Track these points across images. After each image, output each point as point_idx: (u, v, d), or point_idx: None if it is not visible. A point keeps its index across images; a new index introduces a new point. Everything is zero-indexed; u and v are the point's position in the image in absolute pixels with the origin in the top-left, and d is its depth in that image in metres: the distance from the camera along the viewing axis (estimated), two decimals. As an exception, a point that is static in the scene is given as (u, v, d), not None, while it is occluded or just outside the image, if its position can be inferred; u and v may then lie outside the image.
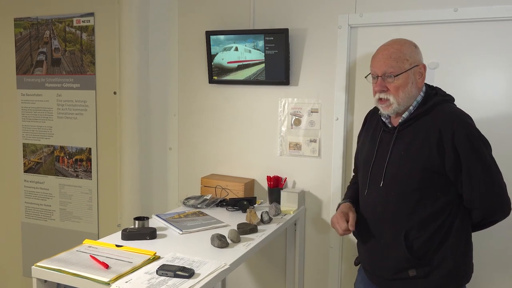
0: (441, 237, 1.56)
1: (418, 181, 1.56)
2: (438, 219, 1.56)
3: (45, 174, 3.10)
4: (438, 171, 1.54)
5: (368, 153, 1.74)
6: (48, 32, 2.98)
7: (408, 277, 1.59)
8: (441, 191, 1.56)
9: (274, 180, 2.38)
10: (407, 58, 1.58)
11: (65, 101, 2.98)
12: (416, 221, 1.57)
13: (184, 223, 2.01)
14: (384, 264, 1.65)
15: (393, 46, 1.62)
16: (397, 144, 1.62)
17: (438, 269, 1.57)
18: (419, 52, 1.64)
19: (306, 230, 2.43)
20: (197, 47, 2.59)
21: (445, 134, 1.51)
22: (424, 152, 1.55)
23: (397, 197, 1.60)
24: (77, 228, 3.02)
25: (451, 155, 1.51)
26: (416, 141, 1.57)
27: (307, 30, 2.34)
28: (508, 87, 2.03)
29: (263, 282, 2.58)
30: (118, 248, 1.69)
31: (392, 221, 1.62)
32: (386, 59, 1.59)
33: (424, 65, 1.63)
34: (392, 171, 1.61)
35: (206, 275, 1.46)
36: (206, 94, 2.61)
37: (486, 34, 2.03)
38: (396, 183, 1.60)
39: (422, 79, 1.61)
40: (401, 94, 1.58)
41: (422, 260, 1.57)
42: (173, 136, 2.72)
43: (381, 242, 1.66)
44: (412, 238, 1.58)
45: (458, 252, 1.58)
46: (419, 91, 1.63)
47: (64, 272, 1.47)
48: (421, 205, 1.57)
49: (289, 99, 2.41)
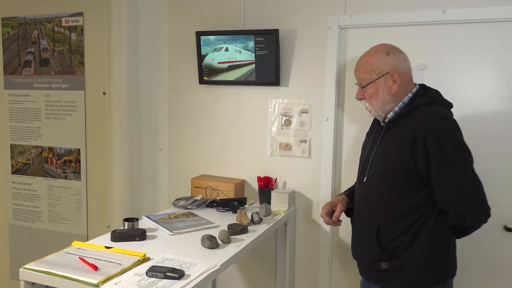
0: (411, 236, 1.61)
1: (393, 179, 1.63)
2: (409, 218, 1.61)
3: (33, 176, 3.07)
4: (412, 171, 1.58)
5: (363, 149, 1.85)
6: (36, 32, 2.95)
7: (381, 269, 1.67)
8: (414, 190, 1.60)
9: (264, 181, 2.38)
10: (373, 68, 1.66)
11: (54, 101, 2.95)
12: (389, 217, 1.64)
13: (174, 224, 2.00)
14: (362, 255, 1.78)
15: (364, 57, 1.72)
16: (382, 142, 1.70)
17: (408, 265, 1.62)
18: (392, 58, 1.66)
19: (297, 231, 2.44)
20: (187, 47, 2.58)
21: (419, 135, 1.55)
22: (399, 152, 1.60)
23: (374, 193, 1.69)
24: (66, 229, 2.99)
25: (423, 156, 1.55)
26: (395, 140, 1.64)
27: (297, 31, 2.34)
28: (496, 87, 2.05)
29: (254, 283, 2.58)
30: (107, 249, 1.68)
31: (370, 215, 1.71)
32: (357, 71, 1.73)
33: (397, 70, 1.64)
34: (373, 168, 1.71)
35: (196, 276, 1.46)
36: (197, 95, 2.60)
37: (474, 35, 2.06)
38: (375, 179, 1.70)
39: (397, 85, 1.64)
40: (374, 102, 1.69)
41: (392, 255, 1.64)
42: (163, 136, 2.71)
43: (361, 232, 1.77)
44: (383, 233, 1.65)
45: (429, 253, 1.60)
46: (400, 95, 1.66)
47: (52, 274, 1.45)
48: (395, 202, 1.63)
49: (279, 100, 2.42)
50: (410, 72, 1.71)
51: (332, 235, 2.38)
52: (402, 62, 1.68)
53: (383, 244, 1.65)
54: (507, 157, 2.05)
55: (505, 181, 2.03)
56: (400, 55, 1.69)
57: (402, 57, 1.69)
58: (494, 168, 1.99)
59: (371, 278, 1.75)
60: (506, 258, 2.08)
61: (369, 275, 1.76)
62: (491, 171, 1.67)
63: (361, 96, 1.74)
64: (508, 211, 2.04)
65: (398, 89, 1.65)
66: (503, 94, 2.04)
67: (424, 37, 2.14)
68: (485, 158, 1.65)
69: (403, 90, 1.67)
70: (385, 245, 1.64)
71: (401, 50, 1.72)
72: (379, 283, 1.71)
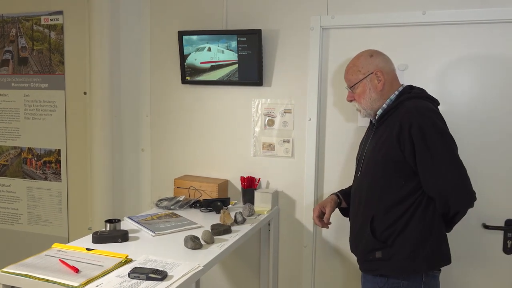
0: (403, 223, 1.68)
1: (383, 170, 1.71)
2: (401, 206, 1.68)
3: (12, 177, 3.01)
4: (401, 161, 1.66)
5: (359, 147, 1.96)
6: (14, 30, 2.89)
7: (375, 258, 1.73)
8: (405, 180, 1.68)
9: (247, 181, 2.38)
10: (359, 69, 1.80)
11: (33, 101, 2.90)
12: (382, 206, 1.71)
13: (157, 225, 1.98)
14: (358, 245, 1.82)
15: (351, 61, 1.86)
16: (373, 138, 1.81)
17: (399, 252, 1.68)
18: (375, 59, 1.79)
19: (280, 230, 2.45)
20: (170, 47, 2.57)
21: (403, 126, 1.64)
22: (387, 144, 1.69)
23: (367, 184, 1.77)
24: (46, 232, 2.94)
25: (408, 145, 1.63)
26: (384, 134, 1.73)
27: (280, 31, 2.35)
28: (475, 87, 2.10)
29: (237, 283, 2.58)
30: (88, 251, 1.66)
31: (364, 206, 1.78)
32: (346, 74, 1.86)
33: (380, 69, 1.76)
34: (366, 162, 1.81)
35: (180, 277, 1.45)
36: (179, 95, 2.59)
37: (453, 36, 2.10)
38: (368, 172, 1.79)
39: (382, 83, 1.76)
40: (363, 100, 1.81)
41: (386, 243, 1.70)
42: (146, 137, 2.68)
43: (356, 225, 1.83)
44: (376, 223, 1.72)
45: (419, 239, 1.67)
46: (386, 93, 1.78)
47: (32, 277, 1.42)
48: (387, 192, 1.70)
49: (262, 100, 2.42)
50: (394, 72, 1.82)
51: (315, 235, 2.40)
52: (384, 62, 1.81)
53: (377, 234, 1.72)
54: (486, 157, 2.09)
55: (484, 181, 2.08)
56: (383, 57, 1.82)
57: (385, 58, 1.82)
58: (473, 168, 2.03)
59: (365, 269, 1.81)
60: (485, 251, 2.14)
61: (364, 266, 1.82)
62: (470, 170, 1.71)
63: (351, 98, 1.86)
64: (486, 209, 2.09)
65: (383, 87, 1.77)
66: (482, 93, 2.09)
67: (404, 38, 2.17)
68: (464, 157, 1.69)
69: (389, 88, 1.78)
70: (378, 234, 1.71)
71: (384, 54, 1.83)
72: (372, 272, 1.77)
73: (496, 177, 2.09)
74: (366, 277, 1.81)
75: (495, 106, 2.07)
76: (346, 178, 2.30)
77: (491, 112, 2.08)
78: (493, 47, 2.05)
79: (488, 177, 2.09)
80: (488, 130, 2.09)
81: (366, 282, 1.80)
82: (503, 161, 2.08)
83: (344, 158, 2.32)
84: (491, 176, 2.09)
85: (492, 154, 2.09)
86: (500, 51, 2.04)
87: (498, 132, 2.08)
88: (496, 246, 2.12)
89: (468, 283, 2.17)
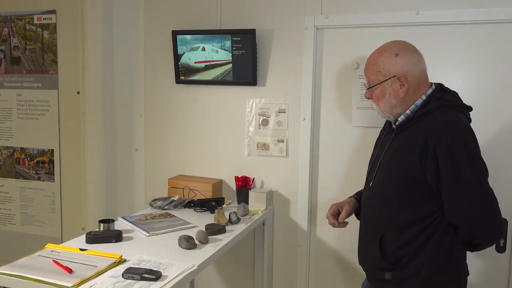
0: (415, 248, 1.52)
1: (399, 186, 1.53)
2: (415, 228, 1.51)
3: (5, 177, 2.99)
4: (420, 180, 1.48)
5: (373, 153, 1.75)
6: (6, 30, 2.87)
7: (384, 279, 1.58)
8: (424, 201, 1.50)
9: (242, 180, 2.38)
10: (380, 70, 1.56)
11: (26, 101, 2.88)
12: (394, 225, 1.54)
13: (151, 225, 1.98)
14: (367, 261, 1.68)
15: (373, 56, 1.62)
16: (391, 147, 1.60)
17: (411, 279, 1.53)
18: (401, 60, 1.54)
19: (274, 230, 2.45)
20: (164, 46, 2.56)
21: (430, 143, 1.44)
22: (408, 159, 1.50)
23: (380, 199, 1.60)
24: (39, 232, 2.92)
25: (432, 165, 1.44)
26: (404, 146, 1.53)
27: (274, 31, 2.35)
28: (467, 87, 2.11)
29: (232, 282, 2.58)
30: (82, 252, 1.65)
31: (375, 221, 1.62)
32: (365, 70, 1.63)
33: (405, 74, 1.53)
34: (380, 173, 1.61)
35: (174, 277, 1.45)
36: (173, 94, 2.58)
37: (446, 36, 2.11)
38: (381, 185, 1.60)
39: (405, 89, 1.53)
40: (381, 104, 1.59)
41: (396, 265, 1.55)
42: (140, 136, 2.67)
43: (366, 239, 1.67)
44: (386, 242, 1.56)
45: (433, 267, 1.51)
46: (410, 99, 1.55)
47: (25, 278, 1.42)
48: (401, 211, 1.53)
49: (256, 100, 2.42)
50: (423, 74, 1.58)
51: (309, 234, 2.40)
52: (413, 64, 1.55)
53: (386, 254, 1.56)
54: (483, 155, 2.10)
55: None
56: (412, 56, 1.56)
57: (415, 58, 1.56)
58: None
59: (375, 286, 1.67)
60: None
61: (374, 283, 1.67)
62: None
63: (369, 96, 1.64)
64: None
65: (406, 94, 1.54)
66: (476, 92, 2.10)
67: (398, 38, 2.16)
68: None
69: (413, 94, 1.55)
70: (388, 255, 1.56)
71: (415, 49, 1.60)
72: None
73: (491, 177, 2.10)
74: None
75: (488, 105, 2.09)
76: (340, 178, 2.31)
77: (485, 112, 2.09)
78: (487, 48, 2.06)
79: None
80: (482, 130, 2.10)
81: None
82: (499, 161, 2.09)
83: (338, 158, 2.32)
84: (484, 176, 2.10)
85: (487, 154, 2.10)
86: (494, 51, 2.06)
87: (492, 132, 2.09)
88: (489, 245, 2.14)
89: (461, 282, 2.18)
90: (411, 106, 1.55)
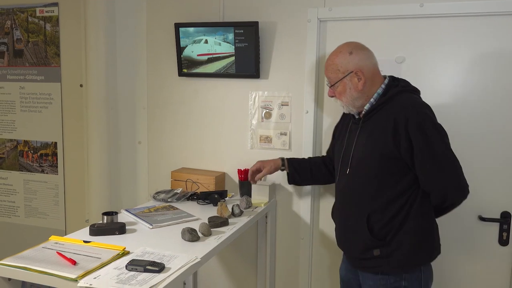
0: (400, 220, 1.68)
1: (377, 167, 1.69)
2: (397, 203, 1.68)
3: (9, 170, 3.00)
4: (395, 157, 1.65)
5: (340, 143, 1.90)
6: (9, 22, 2.87)
7: (373, 256, 1.72)
8: (400, 176, 1.68)
9: (245, 173, 2.38)
10: (338, 68, 1.75)
11: (29, 94, 2.89)
12: (377, 205, 1.70)
13: (154, 218, 1.99)
14: (352, 244, 1.81)
15: (330, 57, 1.79)
16: (361, 134, 1.76)
17: (399, 249, 1.69)
18: (355, 57, 1.72)
19: (277, 222, 2.45)
20: (166, 39, 2.55)
21: (399, 122, 1.62)
22: (381, 140, 1.67)
23: (360, 183, 1.75)
24: (43, 224, 2.94)
25: (405, 142, 1.62)
26: (375, 130, 1.71)
27: (277, 23, 2.34)
28: (471, 80, 2.10)
29: (235, 275, 2.59)
30: (86, 244, 1.66)
31: (357, 205, 1.76)
32: (325, 71, 1.82)
33: (360, 69, 1.71)
34: (356, 159, 1.76)
35: (177, 269, 1.46)
36: (176, 87, 2.58)
37: (451, 28, 2.09)
38: (360, 170, 1.75)
39: (362, 82, 1.72)
40: (343, 99, 1.77)
41: (384, 241, 1.70)
42: (142, 129, 2.68)
43: (349, 224, 1.80)
44: (373, 221, 1.71)
45: (418, 234, 1.69)
46: (368, 90, 1.73)
47: (29, 270, 1.43)
48: (382, 190, 1.69)
49: (259, 92, 2.41)
50: (376, 68, 1.77)
51: (312, 227, 2.41)
52: (365, 59, 1.74)
53: (374, 232, 1.71)
54: (482, 150, 2.10)
55: (480, 173, 2.09)
56: (364, 53, 1.75)
57: (366, 54, 1.76)
58: (469, 160, 2.04)
59: (362, 266, 1.79)
60: (481, 243, 2.15)
61: (360, 264, 1.80)
62: (466, 162, 1.72)
63: (332, 94, 1.82)
64: (482, 202, 2.10)
65: (364, 86, 1.73)
66: (479, 84, 2.09)
67: (402, 30, 2.16)
68: (461, 150, 1.70)
69: (370, 85, 1.74)
70: (376, 232, 1.71)
71: (365, 47, 1.77)
72: (371, 270, 1.76)
73: (492, 170, 2.10)
74: (365, 274, 1.79)
75: (492, 98, 2.08)
76: (343, 171, 2.31)
77: (488, 103, 2.08)
78: (491, 40, 2.05)
79: (484, 169, 2.10)
80: (485, 122, 2.10)
81: (367, 279, 1.78)
82: (500, 153, 2.08)
83: (341, 151, 2.31)
84: (488, 168, 2.10)
85: (488, 146, 2.10)
86: (498, 43, 2.04)
87: (495, 124, 2.08)
88: (492, 238, 2.14)
89: (464, 275, 2.19)
90: (374, 95, 1.74)
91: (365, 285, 1.80)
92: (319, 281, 2.44)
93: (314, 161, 2.18)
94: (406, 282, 1.71)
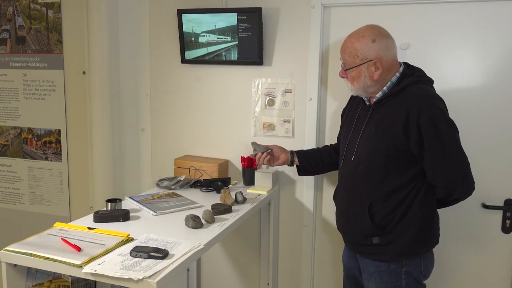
0: (402, 210, 1.68)
1: (384, 157, 1.67)
2: (400, 194, 1.68)
3: (13, 157, 3.01)
4: (403, 149, 1.64)
5: (347, 128, 1.87)
6: (11, 9, 2.85)
7: (373, 243, 1.73)
8: (405, 167, 1.66)
9: (248, 161, 2.38)
10: (357, 54, 1.67)
11: (32, 81, 2.88)
12: (380, 194, 1.70)
13: (158, 205, 2.00)
14: (353, 230, 1.81)
15: (350, 39, 1.71)
16: (370, 121, 1.73)
17: (399, 238, 1.70)
18: (377, 46, 1.65)
19: (280, 210, 2.46)
20: (169, 25, 2.53)
21: (412, 114, 1.60)
22: (391, 131, 1.65)
23: (365, 171, 1.73)
24: (47, 211, 2.96)
25: (415, 135, 1.60)
26: (385, 120, 1.67)
27: (281, 10, 2.31)
28: (478, 67, 2.07)
29: (238, 262, 2.61)
30: (90, 230, 1.67)
31: (360, 192, 1.75)
32: (342, 52, 1.74)
33: (380, 59, 1.65)
34: (362, 147, 1.74)
35: (181, 256, 1.47)
36: (179, 74, 2.56)
37: (457, 15, 2.06)
38: (365, 157, 1.73)
39: (379, 72, 1.66)
40: (355, 84, 1.72)
41: (384, 229, 1.70)
42: (146, 117, 2.67)
43: (351, 210, 1.80)
44: (375, 210, 1.71)
45: (419, 225, 1.69)
46: (383, 80, 1.69)
47: (34, 256, 1.44)
48: (387, 179, 1.68)
49: (262, 79, 2.40)
50: (395, 58, 1.72)
51: (315, 214, 2.41)
52: (387, 50, 1.67)
53: (376, 221, 1.71)
54: (486, 137, 2.09)
55: (484, 161, 2.08)
56: (387, 41, 1.68)
57: (389, 44, 1.69)
58: (473, 147, 2.03)
59: (361, 252, 1.81)
60: (485, 231, 2.16)
61: (359, 250, 1.82)
62: (471, 150, 1.71)
63: (343, 75, 1.77)
64: (485, 189, 2.10)
65: (380, 76, 1.68)
66: (485, 72, 2.07)
67: (407, 16, 2.13)
68: (464, 136, 1.69)
69: (386, 75, 1.69)
70: (377, 221, 1.71)
71: (389, 35, 1.71)
72: (370, 256, 1.77)
73: (496, 157, 2.09)
74: (365, 260, 1.81)
75: (497, 86, 2.06)
76: (346, 158, 2.30)
77: (493, 91, 2.06)
78: (499, 26, 2.02)
79: (488, 157, 2.09)
80: (489, 110, 2.08)
81: (367, 266, 1.80)
82: (503, 141, 2.07)
83: (345, 138, 2.31)
84: (491, 156, 2.09)
85: (492, 134, 2.09)
86: (506, 29, 2.01)
87: (500, 112, 2.06)
88: (495, 226, 2.14)
89: (467, 262, 2.19)
90: (387, 83, 1.69)
91: (366, 272, 1.81)
92: (322, 267, 2.45)
93: (324, 149, 2.16)
94: (407, 268, 1.72)
